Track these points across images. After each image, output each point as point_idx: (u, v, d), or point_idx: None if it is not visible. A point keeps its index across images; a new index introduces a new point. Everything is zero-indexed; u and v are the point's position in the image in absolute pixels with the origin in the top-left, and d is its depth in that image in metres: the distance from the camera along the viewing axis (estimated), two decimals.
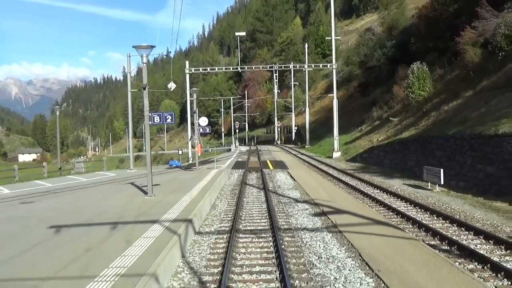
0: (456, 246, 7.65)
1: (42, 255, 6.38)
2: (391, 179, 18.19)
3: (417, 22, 38.36)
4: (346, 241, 8.01)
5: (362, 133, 35.34)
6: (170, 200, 11.29)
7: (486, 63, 21.09)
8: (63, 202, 12.65)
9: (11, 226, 8.89)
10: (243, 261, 7.03)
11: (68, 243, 7.06)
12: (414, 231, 8.99)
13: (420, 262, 6.59)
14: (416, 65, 27.63)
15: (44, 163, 26.72)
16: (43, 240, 7.31)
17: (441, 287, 5.55)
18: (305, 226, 9.44)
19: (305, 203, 12.52)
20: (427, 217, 10.41)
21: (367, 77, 46.80)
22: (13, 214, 10.58)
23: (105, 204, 11.44)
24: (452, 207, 11.52)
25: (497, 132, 13.53)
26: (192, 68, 37.71)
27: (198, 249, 7.81)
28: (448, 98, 22.67)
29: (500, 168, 12.95)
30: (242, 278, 6.25)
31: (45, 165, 23.26)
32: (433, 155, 17.69)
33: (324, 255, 7.19)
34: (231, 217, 10.48)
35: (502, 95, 16.73)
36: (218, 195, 14.31)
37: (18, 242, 7.25)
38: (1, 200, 14.14)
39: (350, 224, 9.30)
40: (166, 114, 12.66)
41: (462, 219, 9.90)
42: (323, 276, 6.19)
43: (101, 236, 7.43)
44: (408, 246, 7.54)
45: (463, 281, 5.77)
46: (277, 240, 7.84)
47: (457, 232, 8.83)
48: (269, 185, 16.59)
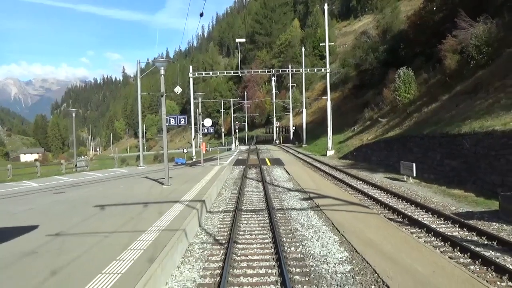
0: (407, 218, 10.04)
1: (100, 221, 8.77)
2: (375, 173, 20.56)
3: (406, 29, 40.83)
4: (324, 215, 10.40)
5: (355, 133, 37.74)
6: (184, 188, 13.68)
7: (462, 69, 23.49)
8: (92, 191, 15.03)
9: (62, 207, 11.25)
10: (245, 228, 9.43)
11: (115, 215, 9.45)
12: (380, 210, 11.39)
13: (375, 227, 8.98)
14: (403, 70, 30.07)
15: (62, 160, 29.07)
16: (95, 214, 9.69)
17: (384, 240, 7.92)
18: (294, 207, 11.83)
19: (296, 191, 14.92)
20: (394, 200, 12.81)
21: (360, 79, 49.25)
22: (56, 199, 12.94)
23: (130, 191, 13.84)
24: (418, 194, 13.91)
25: (459, 131, 15.94)
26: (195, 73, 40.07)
27: (211, 221, 10.20)
28: (428, 101, 25.08)
29: (461, 162, 15.36)
30: (245, 238, 8.63)
31: (63, 162, 25.60)
32: (411, 152, 20.08)
33: (306, 224, 9.59)
34: (234, 201, 12.86)
35: (470, 99, 19.14)
36: (223, 186, 16.70)
37: (77, 215, 9.62)
38: (36, 191, 16.51)
39: (330, 205, 11.68)
40: (180, 117, 15.08)
41: (421, 202, 12.28)
42: (303, 235, 8.58)
43: (138, 210, 9.82)
44: (370, 218, 9.93)
45: (402, 237, 8.15)
46: (271, 215, 10.22)
47: (413, 210, 11.23)
48: (267, 178, 18.98)
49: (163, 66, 13.93)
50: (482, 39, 21.12)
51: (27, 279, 5.15)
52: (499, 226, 9.09)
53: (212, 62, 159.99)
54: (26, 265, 5.81)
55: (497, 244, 7.76)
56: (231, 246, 7.59)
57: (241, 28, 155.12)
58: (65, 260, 5.89)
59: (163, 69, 13.92)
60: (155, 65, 15.79)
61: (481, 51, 21.04)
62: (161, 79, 13.95)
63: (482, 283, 5.65)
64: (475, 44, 21.33)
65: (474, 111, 17.18)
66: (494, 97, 16.89)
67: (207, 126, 23.93)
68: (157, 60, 13.92)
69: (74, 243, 6.86)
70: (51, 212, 10.25)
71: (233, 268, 6.65)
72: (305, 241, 8.16)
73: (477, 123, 15.43)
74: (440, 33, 29.65)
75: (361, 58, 48.09)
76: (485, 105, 16.95)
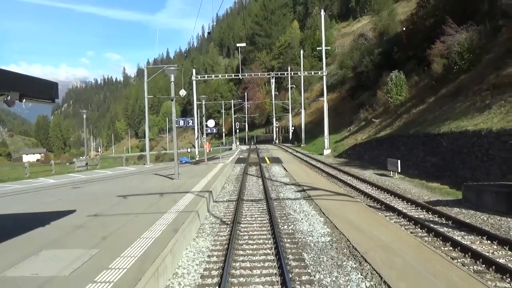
0: (384, 205, 11.81)
1: (126, 206, 10.54)
2: (365, 170, 22.31)
3: (400, 33, 42.59)
4: (314, 203, 12.16)
5: (350, 133, 39.52)
6: (193, 182, 15.45)
7: (447, 74, 25.24)
8: (110, 185, 16.80)
9: (88, 197, 13.01)
10: (246, 213, 11.20)
11: (137, 202, 11.22)
12: (363, 199, 13.16)
13: (356, 211, 10.74)
14: (395, 73, 31.83)
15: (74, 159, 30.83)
16: (119, 202, 11.46)
17: (361, 221, 9.66)
18: (289, 197, 13.61)
19: (292, 185, 16.69)
20: (377, 192, 14.57)
21: (356, 81, 50.98)
22: (79, 192, 14.72)
23: (145, 185, 15.61)
24: (400, 186, 15.68)
25: (439, 131, 17.72)
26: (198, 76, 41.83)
27: (217, 208, 11.97)
28: (417, 103, 26.85)
29: (439, 159, 17.13)
30: (246, 220, 10.39)
31: (75, 160, 27.38)
32: (399, 150, 21.85)
33: (298, 210, 11.35)
34: (237, 193, 14.62)
35: (452, 102, 20.91)
36: (226, 181, 18.47)
37: (104, 203, 11.38)
38: (55, 186, 18.28)
39: (320, 195, 13.44)
40: (188, 119, 16.85)
41: (400, 193, 14.03)
42: (295, 218, 10.35)
43: (156, 199, 11.59)
44: (353, 205, 11.70)
45: (376, 219, 9.91)
46: (268, 203, 11.98)
47: (391, 199, 12.99)
48: (266, 174, 20.75)
49: (173, 73, 15.67)
50: (464, 46, 22.87)
51: (86, 241, 6.92)
52: (459, 210, 10.85)
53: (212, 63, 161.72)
54: (82, 233, 7.58)
55: (452, 223, 9.52)
56: (235, 225, 9.35)
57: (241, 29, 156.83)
58: (109, 230, 7.67)
59: (173, 76, 15.67)
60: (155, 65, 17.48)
61: (463, 57, 22.80)
62: (171, 85, 15.69)
63: (428, 247, 7.41)
64: (457, 50, 23.08)
65: (454, 113, 18.96)
66: (471, 100, 18.65)
67: (210, 127, 25.70)
68: (168, 68, 15.67)
69: (111, 221, 8.63)
70: (80, 201, 12.01)
71: (237, 239, 8.41)
72: (296, 222, 9.93)
73: (454, 124, 17.21)
74: (431, 38, 31.36)
75: (358, 60, 49.85)
76: (463, 107, 18.72)
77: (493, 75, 18.69)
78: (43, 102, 6.02)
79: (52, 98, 6.22)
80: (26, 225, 8.28)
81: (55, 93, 6.23)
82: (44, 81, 6.14)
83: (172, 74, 15.61)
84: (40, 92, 5.83)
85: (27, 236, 7.47)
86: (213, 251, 7.69)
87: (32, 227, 8.10)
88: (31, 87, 5.62)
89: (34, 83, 5.83)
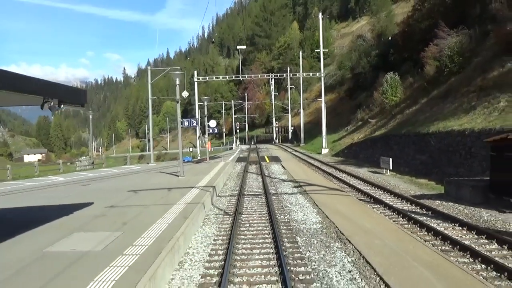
0: (373, 199, 12.91)
1: (138, 199, 11.65)
2: (360, 168, 23.40)
3: (396, 35, 43.68)
4: (309, 197, 13.26)
5: (348, 132, 40.60)
6: (197, 178, 16.56)
7: (439, 76, 26.32)
8: (118, 182, 17.90)
9: (100, 192, 14.11)
10: (247, 205, 12.30)
11: (147, 195, 12.33)
12: (354, 193, 14.26)
13: (346, 204, 11.84)
14: (390, 75, 32.94)
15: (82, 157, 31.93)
16: (131, 195, 12.57)
17: (350, 211, 10.76)
18: (286, 192, 14.72)
19: (289, 181, 17.80)
20: (368, 187, 15.68)
21: (354, 82, 52.06)
22: (91, 188, 15.82)
23: (152, 181, 16.73)
24: (390, 182, 16.78)
25: (428, 131, 18.83)
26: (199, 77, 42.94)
27: (220, 202, 13.08)
28: (411, 104, 27.93)
29: (428, 157, 18.24)
30: (247, 211, 11.49)
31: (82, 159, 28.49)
32: (392, 149, 22.95)
33: (294, 202, 12.47)
34: (238, 189, 15.71)
35: (442, 103, 22.01)
36: (227, 178, 19.58)
37: (117, 197, 12.48)
38: (67, 183, 19.38)
39: (315, 190, 14.55)
40: (192, 120, 17.96)
41: (390, 188, 15.14)
42: (291, 209, 11.46)
43: (164, 193, 12.70)
44: (344, 198, 12.81)
45: (364, 210, 11.01)
46: (267, 197, 13.08)
47: (380, 194, 14.09)
48: (265, 172, 21.84)
49: (179, 77, 16.78)
50: (454, 50, 23.96)
51: (109, 226, 8.03)
52: (440, 203, 11.95)
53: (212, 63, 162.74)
54: (103, 220, 8.70)
55: (431, 213, 10.63)
56: (237, 215, 10.45)
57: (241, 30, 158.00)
58: (127, 218, 8.78)
59: (178, 80, 16.78)
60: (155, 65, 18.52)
61: (453, 60, 23.88)
62: (176, 88, 16.78)
63: (406, 232, 8.51)
64: (448, 54, 24.18)
65: (443, 114, 20.06)
66: (459, 102, 19.75)
67: (212, 127, 26.81)
68: (174, 73, 16.78)
69: (127, 210, 9.74)
70: (95, 196, 13.11)
71: (239, 227, 9.52)
72: (292, 212, 11.04)
73: (442, 124, 18.32)
74: (425, 41, 32.43)
75: (355, 61, 50.96)
76: (452, 108, 19.82)
77: (480, 78, 19.79)
78: (75, 106, 7.12)
79: (83, 103, 7.32)
80: (53, 214, 9.39)
81: (84, 98, 7.34)
82: (76, 89, 7.26)
83: (178, 78, 16.71)
84: (73, 98, 6.94)
85: (57, 223, 8.59)
86: (218, 236, 8.79)
87: (58, 216, 9.21)
88: (67, 95, 6.73)
89: (69, 91, 6.94)
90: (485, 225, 9.20)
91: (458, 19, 28.75)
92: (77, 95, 7.08)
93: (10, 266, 5.70)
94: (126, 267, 5.55)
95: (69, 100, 6.78)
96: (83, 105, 7.43)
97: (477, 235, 8.44)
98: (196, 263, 6.99)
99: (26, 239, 7.26)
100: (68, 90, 6.95)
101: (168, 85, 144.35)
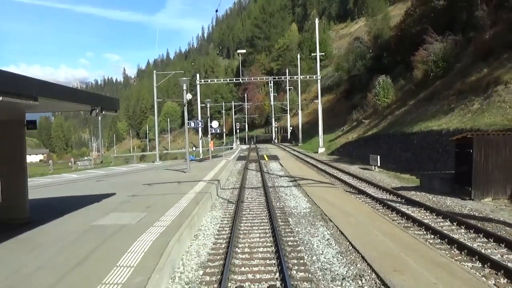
0: (358, 190, 14.78)
1: (154, 190, 13.52)
2: (352, 165, 25.27)
3: (389, 38, 45.56)
4: (302, 189, 15.13)
5: (343, 132, 42.48)
6: (202, 174, 18.43)
7: (426, 79, 28.20)
8: (132, 177, 19.76)
9: (118, 186, 15.97)
10: (248, 196, 14.18)
11: (162, 187, 14.20)
12: (342, 186, 16.13)
13: (333, 194, 13.71)
14: (382, 77, 34.83)
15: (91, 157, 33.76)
16: (147, 188, 14.44)
17: (335, 200, 12.62)
18: (282, 185, 16.59)
19: (286, 177, 19.67)
20: (356, 181, 17.53)
21: (350, 83, 53.92)
22: (107, 183, 17.68)
23: (162, 176, 18.60)
24: (376, 177, 18.64)
25: (412, 131, 20.72)
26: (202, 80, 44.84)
27: (224, 193, 14.95)
28: (400, 105, 29.82)
29: (411, 154, 20.11)
30: (248, 200, 13.36)
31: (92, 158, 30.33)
32: (381, 147, 24.82)
33: (288, 193, 14.34)
34: (240, 183, 17.58)
35: (427, 105, 23.88)
36: (230, 174, 21.44)
37: (134, 188, 14.34)
38: (81, 180, 21.24)
39: (308, 183, 16.42)
40: (198, 121, 19.84)
41: (375, 182, 16.98)
42: (286, 198, 13.34)
43: (176, 185, 14.56)
44: (332, 190, 14.68)
45: (347, 199, 12.88)
46: (266, 189, 14.95)
47: (365, 186, 15.95)
48: (264, 169, 23.71)
49: (185, 83, 18.63)
50: (439, 55, 25.84)
51: (136, 208, 9.89)
52: (414, 193, 13.82)
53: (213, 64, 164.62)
54: (129, 205, 10.57)
55: (404, 201, 12.49)
56: (239, 203, 12.31)
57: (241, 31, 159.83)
58: (149, 203, 10.65)
59: (185, 85, 18.63)
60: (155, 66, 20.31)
61: (438, 65, 25.76)
62: (184, 93, 18.65)
63: (378, 214, 10.37)
64: (433, 59, 26.06)
65: (426, 115, 21.94)
66: (441, 104, 21.64)
67: (215, 128, 28.66)
68: (182, 79, 18.65)
69: (147, 198, 11.61)
70: (114, 188, 14.96)
71: (241, 211, 11.38)
72: (286, 201, 12.91)
73: (424, 124, 20.21)
74: (416, 45, 34.29)
75: (351, 64, 52.81)
76: (434, 110, 21.71)
77: (460, 82, 21.67)
78: (111, 112, 8.98)
79: (116, 109, 9.19)
80: (86, 201, 11.26)
81: (118, 105, 9.21)
82: (112, 98, 9.14)
83: (185, 83, 18.58)
84: (111, 106, 8.80)
85: (93, 207, 10.46)
86: (224, 218, 10.66)
87: (91, 202, 11.08)
88: (107, 103, 8.59)
89: (108, 100, 8.81)
90: (446, 209, 11.06)
91: (448, 25, 30.58)
92: (113, 103, 8.94)
93: (70, 234, 7.57)
94: (158, 233, 7.42)
95: (108, 107, 8.64)
96: (116, 110, 9.29)
97: (436, 216, 10.30)
98: (208, 235, 8.86)
99: (74, 218, 9.14)
100: (107, 100, 8.82)
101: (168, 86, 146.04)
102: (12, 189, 8.49)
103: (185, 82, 18.53)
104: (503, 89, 16.69)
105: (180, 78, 19.74)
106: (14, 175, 8.57)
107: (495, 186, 11.80)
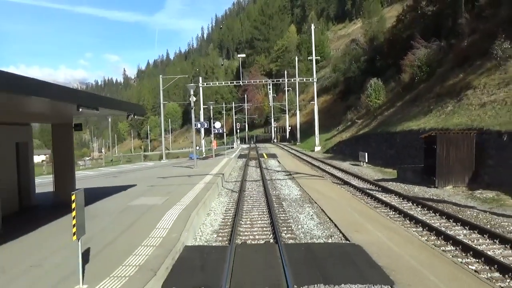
0: (343, 181, 17.10)
1: (169, 182, 15.85)
2: (344, 162, 27.57)
3: (382, 42, 47.86)
4: (296, 181, 17.46)
5: (338, 132, 44.79)
6: (208, 170, 20.77)
7: (412, 82, 30.49)
8: (145, 173, 22.09)
9: (135, 179, 18.28)
10: (248, 187, 16.51)
11: (174, 180, 16.52)
12: (331, 179, 18.46)
13: (322, 185, 16.03)
14: (374, 80, 37.11)
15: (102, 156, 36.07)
16: (162, 180, 16.76)
17: (323, 189, 14.93)
18: (279, 178, 18.92)
19: (282, 172, 22.00)
20: (343, 175, 19.87)
21: (346, 85, 56.22)
22: (123, 178, 19.99)
23: (173, 172, 20.93)
24: (362, 171, 20.97)
25: (395, 130, 23.04)
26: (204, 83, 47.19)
27: (228, 185, 17.28)
28: (389, 107, 32.12)
29: (395, 151, 22.44)
30: (248, 190, 15.69)
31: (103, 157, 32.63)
32: (370, 145, 27.11)
33: (284, 184, 16.68)
34: (241, 177, 19.89)
35: (411, 106, 26.18)
36: (232, 169, 23.77)
37: (151, 181, 16.64)
38: (96, 176, 23.55)
39: (301, 177, 18.74)
40: (204, 123, 22.17)
41: (360, 175, 19.31)
42: (281, 188, 15.67)
43: (186, 178, 16.89)
44: (322, 181, 17.01)
45: (333, 188, 15.20)
46: (264, 182, 17.28)
47: (350, 179, 18.27)
48: (263, 165, 26.02)
49: (192, 88, 20.95)
50: (423, 60, 28.15)
51: (158, 194, 12.21)
52: (391, 183, 16.14)
53: (213, 65, 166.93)
54: (152, 192, 12.89)
55: (381, 189, 14.82)
56: (242, 192, 14.64)
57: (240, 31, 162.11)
58: (168, 191, 12.98)
59: (192, 90, 20.94)
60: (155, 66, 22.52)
61: (422, 70, 28.07)
62: (191, 98, 20.95)
63: (356, 199, 12.70)
64: (417, 64, 28.38)
65: (410, 116, 24.25)
66: (422, 106, 23.94)
67: (217, 128, 31.01)
68: (189, 85, 20.96)
69: (165, 187, 13.93)
70: (134, 181, 17.28)
71: (243, 198, 13.71)
72: (281, 190, 15.25)
73: (406, 124, 22.52)
74: (406, 49, 36.54)
75: (347, 66, 55.13)
76: (416, 111, 24.01)
77: (439, 86, 23.98)
78: (141, 116, 11.30)
79: (144, 114, 11.53)
80: (115, 190, 13.59)
81: (145, 111, 11.55)
82: (141, 106, 11.49)
83: (192, 89, 20.89)
84: (141, 112, 11.13)
85: (122, 194, 12.79)
86: (229, 202, 13.00)
87: (119, 191, 13.41)
88: (138, 110, 10.92)
89: (138, 107, 11.15)
90: (412, 195, 13.39)
91: (435, 31, 32.86)
92: (142, 109, 11.30)
93: (113, 211, 9.89)
94: (181, 209, 9.74)
95: (139, 113, 10.97)
96: (143, 115, 11.64)
97: (402, 199, 12.64)
98: (217, 213, 11.19)
99: (110, 201, 11.47)
100: (138, 107, 11.16)
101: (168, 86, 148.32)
102: (64, 179, 10.81)
103: (192, 88, 20.84)
104: (471, 93, 18.99)
105: (183, 80, 22.02)
106: (65, 168, 10.90)
107: (455, 176, 14.14)
